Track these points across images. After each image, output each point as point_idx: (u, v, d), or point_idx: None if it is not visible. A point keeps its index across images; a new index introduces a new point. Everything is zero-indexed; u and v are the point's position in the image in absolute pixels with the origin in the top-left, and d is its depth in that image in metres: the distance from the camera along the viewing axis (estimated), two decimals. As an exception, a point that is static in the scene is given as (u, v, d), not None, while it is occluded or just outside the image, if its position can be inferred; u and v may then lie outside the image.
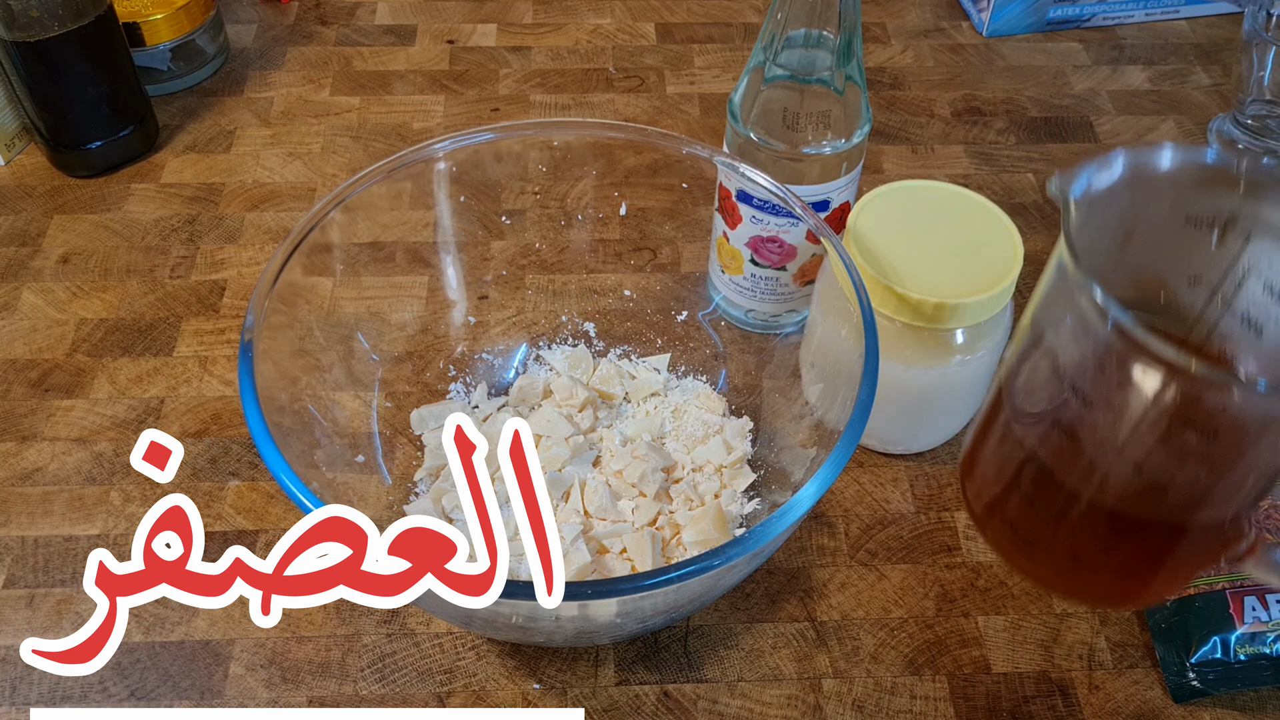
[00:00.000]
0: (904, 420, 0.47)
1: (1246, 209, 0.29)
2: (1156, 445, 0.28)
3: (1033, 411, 0.31)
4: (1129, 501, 0.30)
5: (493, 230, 0.53)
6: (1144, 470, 0.29)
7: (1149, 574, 0.32)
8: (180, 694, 0.41)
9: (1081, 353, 0.28)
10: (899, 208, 0.46)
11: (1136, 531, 0.31)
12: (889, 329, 0.43)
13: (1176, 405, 0.27)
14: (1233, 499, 0.30)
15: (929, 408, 0.46)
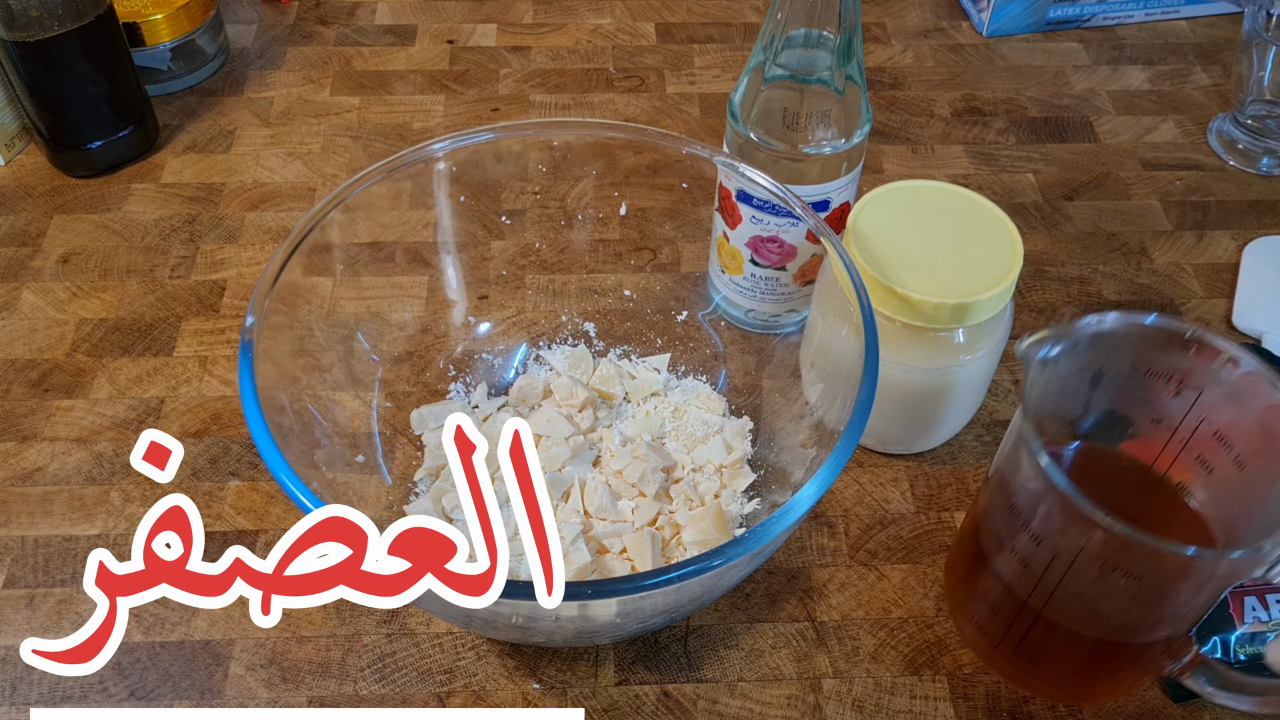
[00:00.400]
0: (904, 420, 0.47)
1: (1197, 367, 0.34)
2: (1092, 581, 0.33)
3: (997, 537, 0.36)
4: (1073, 621, 0.34)
5: (493, 230, 0.53)
6: (1084, 599, 0.34)
7: (1099, 680, 0.37)
8: (180, 694, 0.41)
9: (1031, 496, 0.33)
10: (899, 208, 0.46)
11: (1084, 645, 0.35)
12: (889, 329, 0.43)
13: (1104, 551, 0.32)
14: (1167, 626, 0.35)
15: (929, 408, 0.46)
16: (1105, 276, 0.58)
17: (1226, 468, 0.35)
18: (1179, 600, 0.33)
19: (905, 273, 0.43)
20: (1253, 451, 0.34)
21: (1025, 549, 0.34)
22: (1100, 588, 0.33)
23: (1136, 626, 0.34)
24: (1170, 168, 0.64)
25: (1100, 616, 0.34)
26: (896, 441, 0.49)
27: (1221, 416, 0.34)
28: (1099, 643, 0.35)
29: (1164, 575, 0.32)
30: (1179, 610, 0.34)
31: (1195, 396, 0.34)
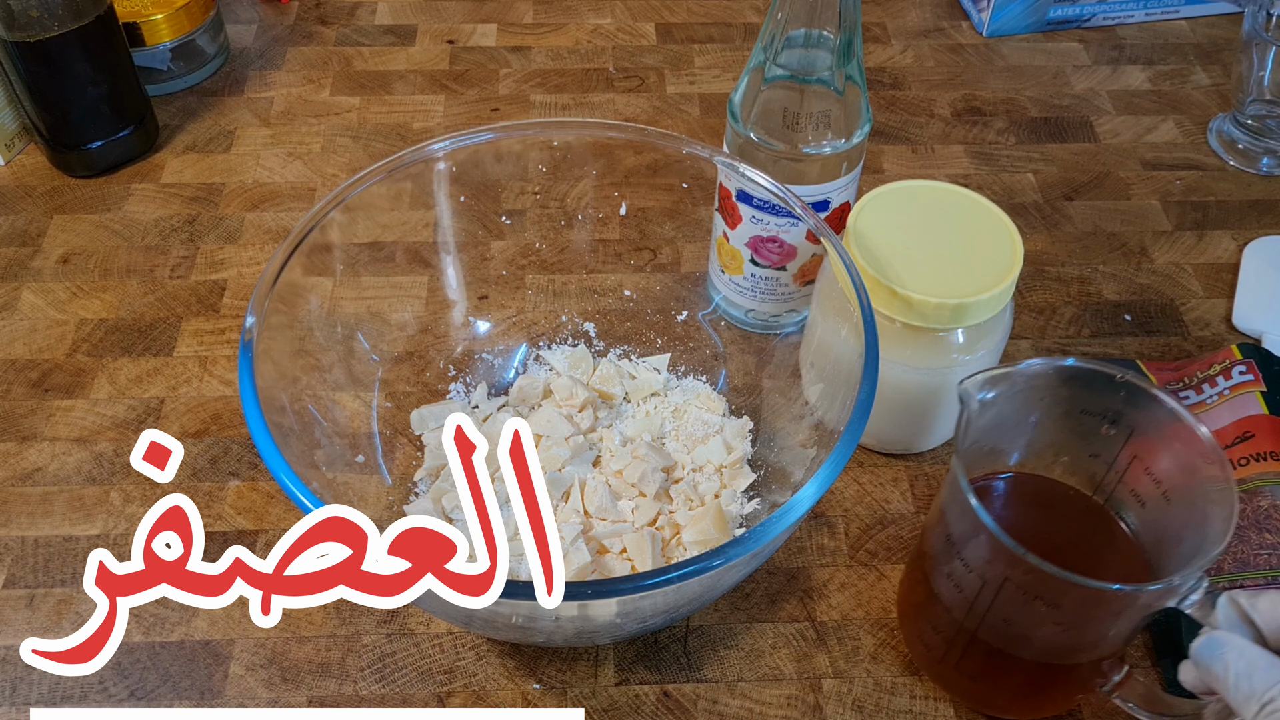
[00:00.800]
0: (904, 420, 0.47)
1: (1127, 410, 0.37)
2: (1018, 608, 0.35)
3: (937, 562, 0.38)
4: (1004, 643, 0.37)
5: (493, 230, 0.53)
6: (1011, 623, 0.36)
7: (1034, 698, 0.40)
8: (180, 694, 0.41)
9: (962, 528, 0.36)
10: (899, 208, 0.46)
11: (1017, 666, 0.38)
12: (889, 329, 0.43)
13: (1025, 582, 0.34)
14: (1095, 649, 0.37)
15: (929, 408, 0.46)
16: (1105, 276, 0.58)
17: (1156, 501, 0.37)
18: (1100, 627, 0.35)
19: (905, 273, 0.43)
20: (1177, 487, 0.37)
21: (959, 575, 0.37)
22: (1025, 614, 0.35)
23: (1063, 649, 0.37)
24: (1170, 168, 0.64)
25: (1028, 640, 0.37)
26: (896, 442, 0.49)
27: (1150, 453, 0.37)
28: (1031, 663, 0.38)
29: (1081, 605, 0.34)
30: (1102, 636, 0.36)
31: (1127, 434, 0.37)
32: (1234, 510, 0.33)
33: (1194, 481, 0.35)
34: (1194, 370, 0.49)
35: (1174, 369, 0.50)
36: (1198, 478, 0.35)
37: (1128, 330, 0.55)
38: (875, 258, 0.43)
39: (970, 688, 0.40)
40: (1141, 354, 0.54)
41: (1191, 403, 0.48)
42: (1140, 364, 0.51)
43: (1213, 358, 0.49)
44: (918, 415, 0.47)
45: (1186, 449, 0.36)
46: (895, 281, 0.42)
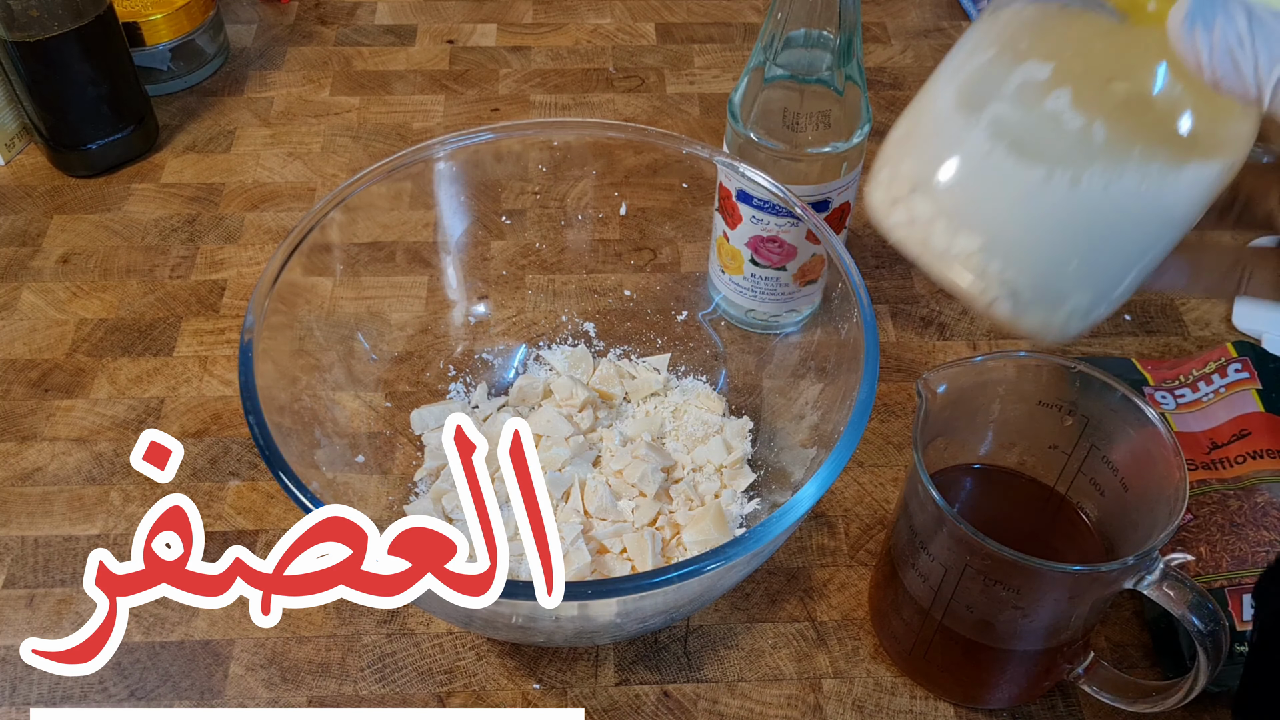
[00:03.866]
0: (1053, 253, 0.28)
1: (1083, 400, 0.38)
2: (978, 594, 0.36)
3: (903, 553, 0.39)
4: (969, 631, 0.38)
5: (493, 230, 0.53)
6: (974, 610, 0.37)
7: (1001, 685, 0.41)
8: (180, 694, 0.41)
9: (924, 518, 0.37)
10: None
11: (983, 654, 0.39)
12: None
13: (983, 567, 0.35)
14: (1056, 634, 0.37)
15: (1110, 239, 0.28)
16: (1105, 276, 0.58)
17: (1114, 488, 0.38)
18: (1058, 611, 0.36)
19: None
20: (1133, 474, 0.38)
21: (923, 565, 0.38)
22: (987, 601, 0.36)
23: (1027, 635, 0.37)
24: (1170, 168, 0.64)
25: (992, 627, 0.37)
26: (1039, 299, 0.28)
27: (1106, 442, 0.38)
28: (997, 651, 0.39)
29: (1040, 588, 0.36)
30: (1064, 620, 0.37)
31: (1084, 424, 0.38)
32: (1184, 491, 0.34)
33: (1148, 466, 0.36)
34: (1190, 368, 0.49)
35: (1170, 367, 0.50)
36: (1151, 462, 0.36)
37: (1128, 330, 0.55)
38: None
39: (939, 677, 0.41)
40: (1141, 354, 0.54)
41: (1187, 401, 0.48)
42: (1135, 361, 0.51)
43: (1208, 356, 0.49)
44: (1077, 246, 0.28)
45: (1139, 434, 0.37)
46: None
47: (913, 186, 0.26)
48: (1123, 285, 0.27)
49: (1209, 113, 0.25)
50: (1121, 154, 0.25)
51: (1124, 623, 0.44)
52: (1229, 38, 0.22)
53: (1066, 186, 0.25)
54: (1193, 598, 0.34)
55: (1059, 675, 0.40)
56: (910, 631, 0.40)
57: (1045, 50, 0.25)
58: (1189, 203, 0.26)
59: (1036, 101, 0.25)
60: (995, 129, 0.25)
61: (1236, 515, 0.43)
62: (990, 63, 0.26)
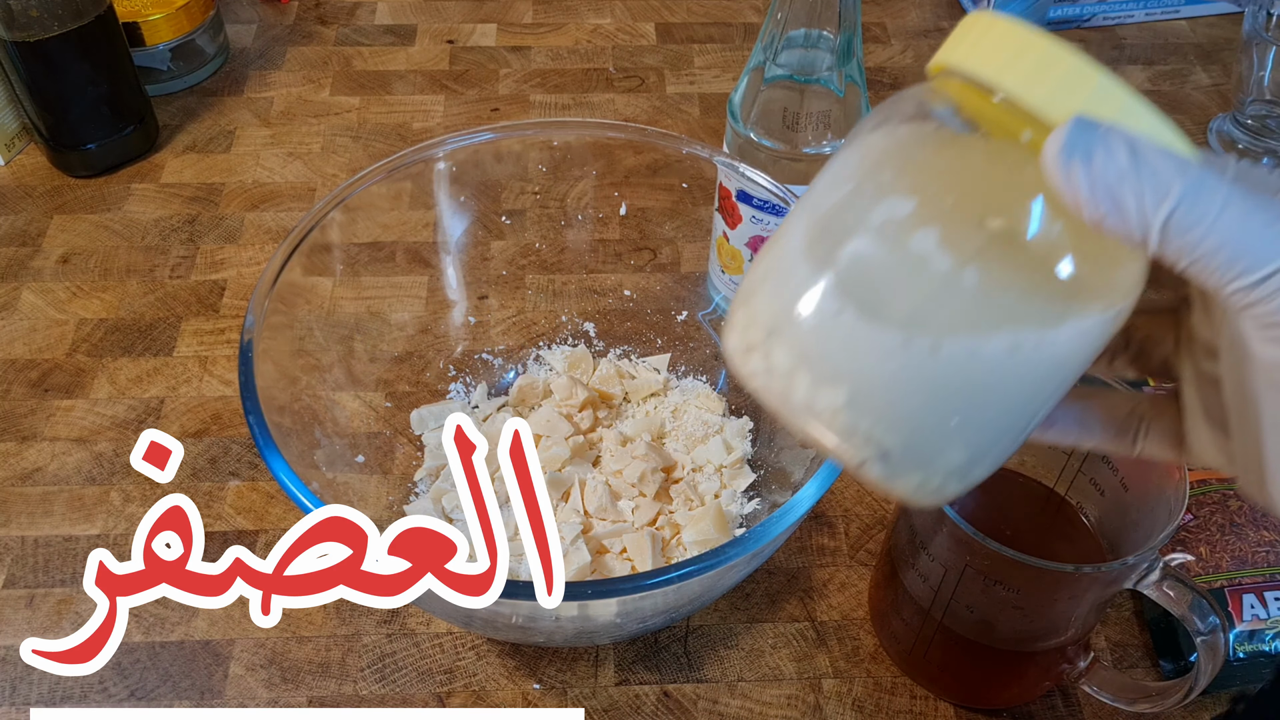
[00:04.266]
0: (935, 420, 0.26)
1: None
2: (979, 594, 0.36)
3: (903, 554, 0.39)
4: (969, 631, 0.38)
5: (492, 230, 0.53)
6: (974, 610, 0.37)
7: (1001, 686, 0.41)
8: (180, 694, 0.41)
9: (924, 518, 0.37)
10: None
11: (983, 654, 0.39)
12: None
13: (984, 567, 0.35)
14: (1056, 634, 0.37)
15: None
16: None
17: (1114, 488, 0.38)
18: (1058, 611, 0.36)
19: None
20: (1133, 474, 0.37)
21: (923, 565, 0.37)
22: (987, 601, 0.36)
23: (1027, 635, 0.37)
24: (1170, 168, 0.64)
25: (992, 627, 0.37)
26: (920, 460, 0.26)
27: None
28: (997, 651, 0.39)
29: (1040, 588, 0.35)
30: (1064, 620, 0.37)
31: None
32: (1184, 491, 0.34)
33: (1148, 466, 0.36)
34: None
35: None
36: (1151, 462, 0.35)
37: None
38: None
39: (939, 677, 0.41)
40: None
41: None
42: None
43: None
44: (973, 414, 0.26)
45: None
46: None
47: (768, 334, 0.23)
48: (1005, 443, 0.24)
49: (1094, 254, 0.22)
50: (993, 305, 0.22)
51: (1124, 623, 0.44)
52: (1110, 174, 0.19)
53: (927, 353, 0.21)
54: (1193, 598, 0.34)
55: (1059, 676, 0.40)
56: (910, 631, 0.40)
57: (910, 183, 0.22)
58: (1072, 355, 0.23)
59: (898, 242, 0.22)
60: (848, 284, 0.22)
61: (1236, 515, 0.43)
62: (848, 197, 0.23)
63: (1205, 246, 0.19)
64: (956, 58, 0.22)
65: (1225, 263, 0.19)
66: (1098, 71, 0.21)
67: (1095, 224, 0.20)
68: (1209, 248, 0.19)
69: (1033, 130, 0.21)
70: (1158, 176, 0.19)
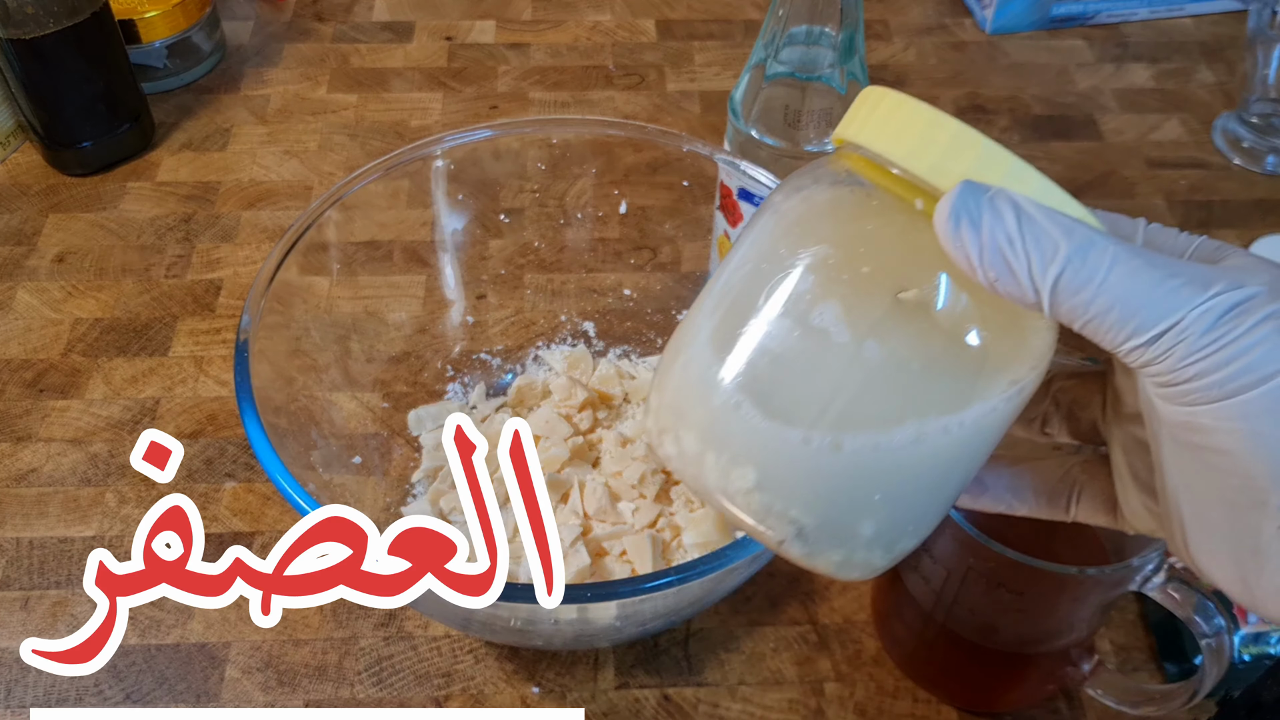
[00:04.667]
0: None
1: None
2: (981, 597, 0.36)
3: (906, 560, 0.37)
4: (971, 634, 0.37)
5: (491, 229, 0.53)
6: (977, 613, 0.37)
7: (1004, 688, 0.40)
8: (176, 697, 0.41)
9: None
10: None
11: (986, 657, 0.38)
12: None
13: (986, 569, 0.34)
14: (1059, 637, 0.37)
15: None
16: (1109, 275, 0.57)
17: None
18: (1061, 613, 0.36)
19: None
20: None
21: (926, 567, 0.37)
22: (990, 603, 0.36)
23: (1029, 638, 0.37)
24: (1175, 166, 0.64)
25: (994, 629, 0.37)
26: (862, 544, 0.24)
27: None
28: (1000, 654, 0.38)
29: (1043, 590, 0.35)
30: (1066, 623, 0.36)
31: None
32: None
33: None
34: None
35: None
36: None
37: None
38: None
39: (942, 681, 0.41)
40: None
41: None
42: None
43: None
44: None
45: None
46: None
47: (676, 419, 0.23)
48: (928, 517, 0.23)
49: (997, 323, 0.21)
50: (894, 393, 0.21)
51: (1128, 625, 0.43)
52: (998, 237, 0.19)
53: (829, 449, 0.21)
54: (1198, 600, 0.34)
55: (1062, 679, 0.39)
56: (912, 634, 0.40)
57: (811, 260, 0.22)
58: (980, 435, 0.22)
59: (796, 324, 0.21)
60: (746, 377, 0.22)
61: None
62: (748, 277, 0.22)
63: (1096, 307, 0.19)
64: (851, 131, 0.22)
65: (1117, 323, 0.19)
66: (981, 137, 0.21)
67: (990, 287, 0.20)
68: (1099, 308, 0.19)
69: (924, 200, 0.21)
70: (1044, 237, 0.19)
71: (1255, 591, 0.20)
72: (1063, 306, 0.20)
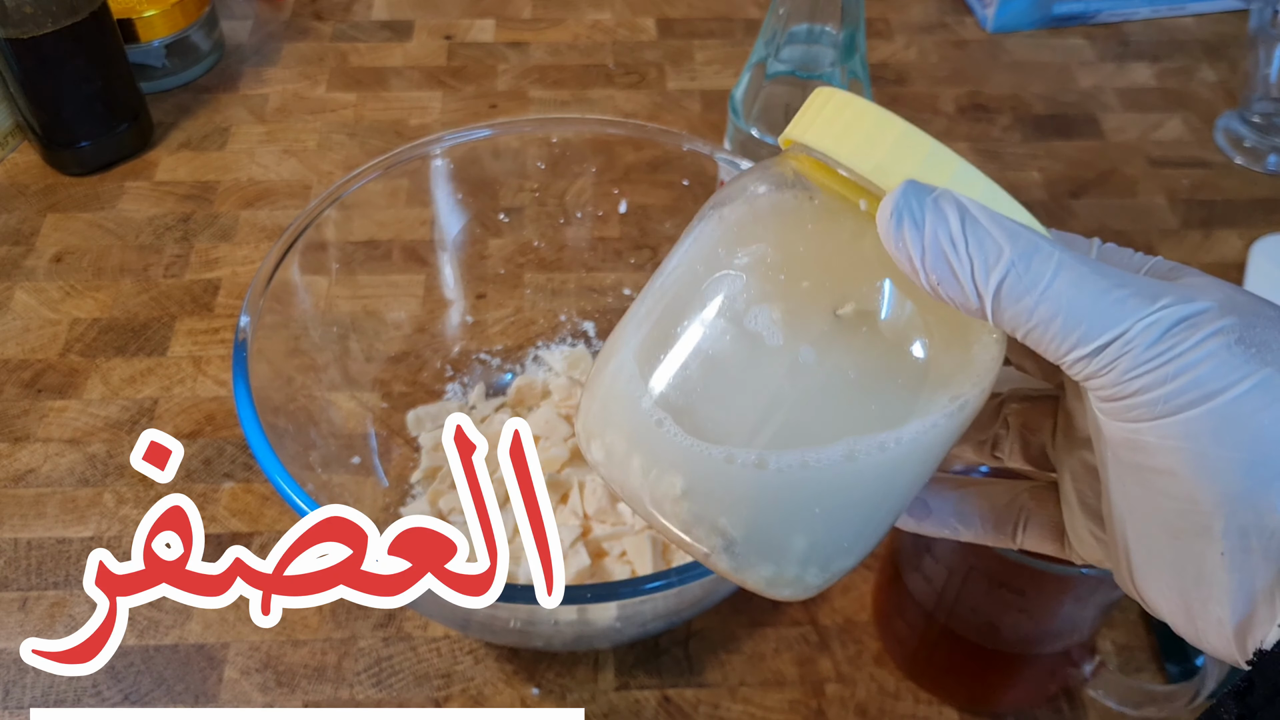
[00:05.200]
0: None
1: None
2: (982, 597, 0.36)
3: (907, 556, 0.39)
4: (973, 634, 0.37)
5: (490, 228, 0.52)
6: (979, 613, 0.36)
7: (1005, 688, 0.40)
8: (174, 698, 0.41)
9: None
10: None
11: (988, 657, 0.38)
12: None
13: (988, 568, 0.34)
14: (1061, 638, 0.37)
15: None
16: (1110, 274, 0.57)
17: None
18: (1063, 614, 0.36)
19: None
20: None
21: (928, 567, 0.37)
22: (992, 603, 0.36)
23: (1031, 638, 0.37)
24: (1177, 165, 0.64)
25: (996, 629, 0.37)
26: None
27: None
28: (1001, 654, 0.38)
29: (1044, 590, 0.35)
30: (1068, 624, 0.36)
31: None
32: None
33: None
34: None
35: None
36: None
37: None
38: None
39: (943, 681, 0.41)
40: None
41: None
42: None
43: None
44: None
45: None
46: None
47: (604, 425, 0.22)
48: (864, 537, 0.22)
49: (939, 334, 0.20)
50: (824, 407, 0.20)
51: (1130, 626, 0.43)
52: (941, 238, 0.19)
53: (754, 467, 0.20)
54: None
55: (1064, 679, 0.39)
56: (914, 635, 0.40)
57: (746, 261, 0.21)
58: (920, 453, 0.21)
59: (725, 330, 0.20)
60: (669, 392, 0.21)
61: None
62: (680, 281, 0.22)
63: (1039, 315, 0.19)
64: (797, 131, 0.22)
65: (1060, 333, 0.19)
66: (929, 139, 0.20)
67: (932, 291, 0.19)
68: (1042, 316, 0.19)
69: (868, 201, 0.20)
70: (988, 241, 0.19)
71: (1198, 622, 0.20)
72: (1005, 313, 0.19)
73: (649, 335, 0.22)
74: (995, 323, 0.19)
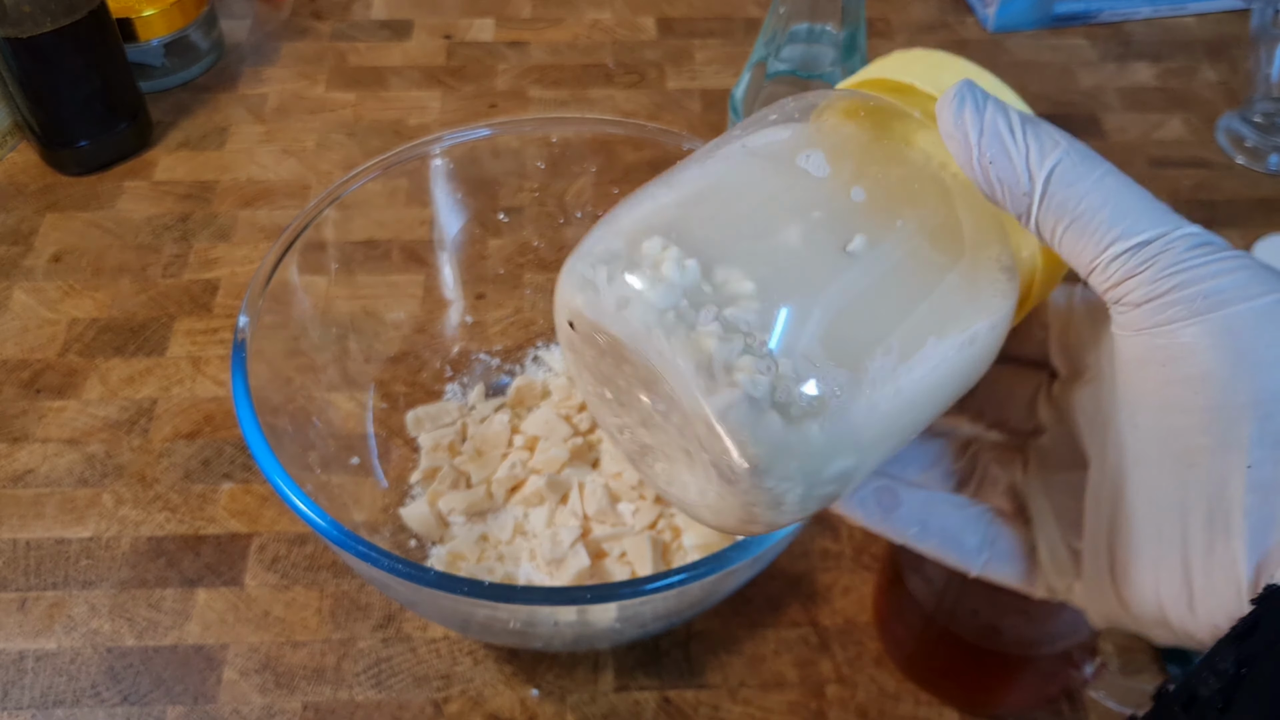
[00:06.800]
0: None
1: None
2: (983, 598, 0.36)
3: (907, 557, 0.39)
4: (973, 635, 0.37)
5: (490, 228, 0.52)
6: (979, 614, 0.37)
7: (1006, 690, 0.40)
8: (173, 699, 0.41)
9: None
10: None
11: (988, 658, 0.38)
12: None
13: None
14: (1062, 639, 0.37)
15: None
16: (1111, 275, 0.57)
17: None
18: (1064, 615, 0.36)
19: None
20: None
21: (928, 568, 0.37)
22: (991, 603, 0.36)
23: (1032, 640, 0.37)
24: (1178, 165, 0.64)
25: (997, 631, 0.37)
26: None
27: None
28: (1002, 655, 0.38)
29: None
30: (1068, 625, 0.36)
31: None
32: None
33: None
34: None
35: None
36: None
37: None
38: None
39: (944, 683, 0.41)
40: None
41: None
42: None
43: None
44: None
45: None
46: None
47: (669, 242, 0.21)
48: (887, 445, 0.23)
49: (962, 268, 0.21)
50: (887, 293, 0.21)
51: (1131, 627, 0.43)
52: (999, 124, 0.20)
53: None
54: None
55: (1065, 681, 0.39)
56: (914, 636, 0.40)
57: (826, 156, 0.22)
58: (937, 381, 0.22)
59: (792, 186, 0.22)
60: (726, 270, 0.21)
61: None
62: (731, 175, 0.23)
63: (1088, 203, 0.19)
64: (873, 72, 0.24)
65: (1105, 222, 0.19)
66: (988, 72, 0.23)
67: (982, 174, 0.20)
68: (1091, 204, 0.19)
69: (921, 112, 0.22)
70: (1045, 131, 0.20)
71: (1196, 586, 0.19)
72: (1054, 198, 0.20)
73: (695, 215, 0.22)
74: (1039, 214, 0.20)
